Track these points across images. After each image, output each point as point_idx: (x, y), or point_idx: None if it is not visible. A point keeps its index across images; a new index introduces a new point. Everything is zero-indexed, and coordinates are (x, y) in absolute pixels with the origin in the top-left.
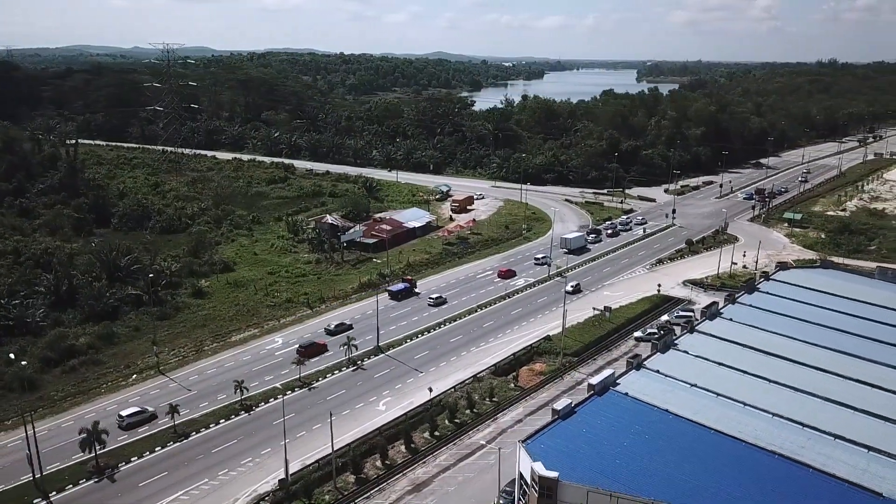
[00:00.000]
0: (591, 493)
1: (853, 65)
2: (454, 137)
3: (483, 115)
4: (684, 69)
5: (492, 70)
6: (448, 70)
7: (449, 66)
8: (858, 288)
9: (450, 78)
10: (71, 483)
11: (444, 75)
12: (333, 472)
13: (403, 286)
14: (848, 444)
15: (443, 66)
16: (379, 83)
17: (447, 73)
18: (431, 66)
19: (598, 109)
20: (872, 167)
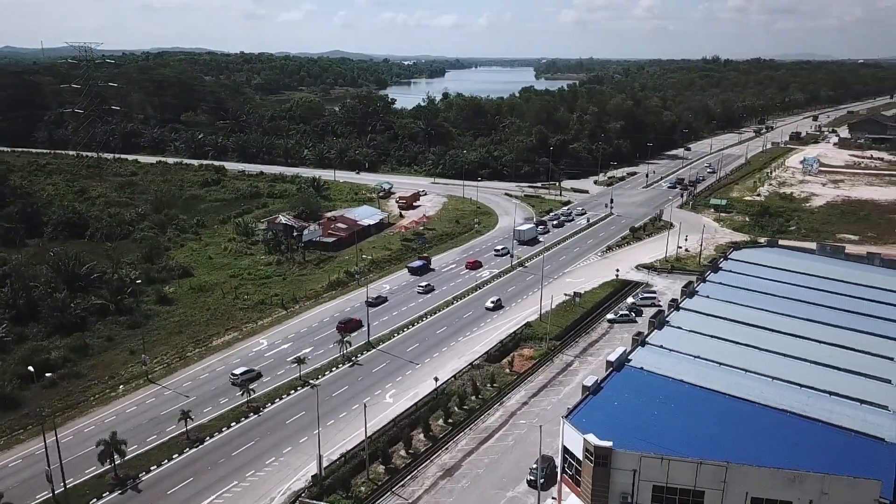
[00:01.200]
0: (644, 457)
1: (734, 61)
2: (386, 135)
3: (411, 113)
4: (579, 66)
5: (394, 68)
6: (352, 69)
7: (353, 64)
8: (806, 263)
9: (355, 77)
10: (94, 497)
11: (349, 74)
12: (367, 463)
13: (421, 263)
14: (843, 399)
15: (346, 64)
16: (285, 82)
17: (352, 72)
18: (336, 65)
19: (523, 106)
20: (772, 155)
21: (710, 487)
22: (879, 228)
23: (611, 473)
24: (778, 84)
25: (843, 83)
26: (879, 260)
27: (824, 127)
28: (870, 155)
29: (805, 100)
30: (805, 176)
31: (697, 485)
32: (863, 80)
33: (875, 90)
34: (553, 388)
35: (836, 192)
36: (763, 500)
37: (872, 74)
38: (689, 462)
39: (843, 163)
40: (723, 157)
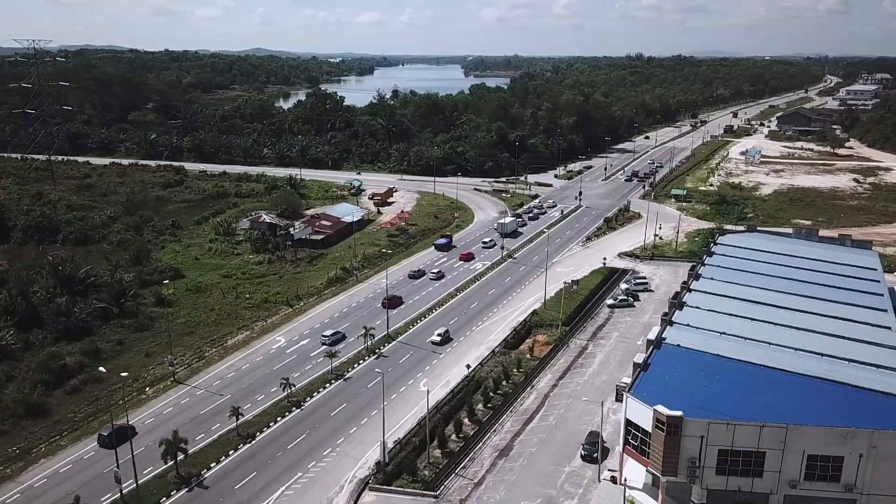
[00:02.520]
0: (711, 424)
1: (657, 58)
2: (347, 133)
3: (367, 110)
4: (507, 63)
5: (324, 66)
6: (282, 66)
7: (283, 62)
8: (787, 245)
9: (287, 75)
10: (163, 495)
11: (280, 72)
12: (427, 448)
13: (446, 240)
14: (861, 365)
15: (276, 62)
16: (216, 81)
17: (283, 70)
18: (266, 63)
19: (479, 103)
20: (712, 147)
21: (770, 448)
22: (827, 214)
23: (681, 441)
24: (702, 80)
25: (762, 79)
26: (850, 241)
27: (753, 120)
28: (800, 146)
29: (730, 95)
30: (748, 166)
31: (759, 446)
32: (777, 75)
33: (787, 85)
34: (576, 371)
35: (779, 180)
36: (818, 457)
37: (784, 70)
38: (752, 426)
39: (779, 153)
40: (668, 150)
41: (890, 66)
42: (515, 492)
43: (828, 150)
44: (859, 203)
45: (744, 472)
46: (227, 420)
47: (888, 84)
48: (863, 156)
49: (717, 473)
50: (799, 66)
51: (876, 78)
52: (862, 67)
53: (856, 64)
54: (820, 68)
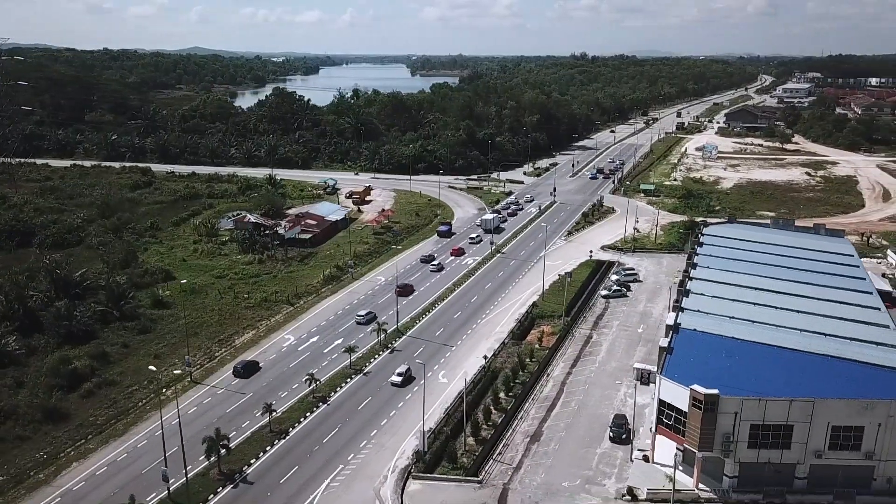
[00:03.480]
0: (745, 401)
1: (601, 57)
2: (314, 132)
3: (332, 109)
4: (453, 63)
5: (269, 66)
6: (228, 66)
7: (228, 61)
8: (768, 234)
9: (234, 74)
10: (210, 493)
11: (227, 71)
12: (464, 436)
13: (446, 227)
14: (864, 343)
15: (221, 61)
16: (161, 80)
17: (229, 70)
18: (211, 63)
19: (443, 101)
20: (668, 144)
21: (798, 421)
22: (788, 205)
23: (717, 417)
24: (648, 79)
25: (703, 77)
26: (824, 230)
27: (702, 118)
28: (749, 142)
29: (676, 93)
30: (706, 161)
31: (788, 420)
32: (716, 74)
33: (727, 84)
34: (587, 359)
35: (737, 175)
36: (841, 428)
37: (723, 69)
38: (782, 401)
39: (732, 149)
40: (627, 147)
41: (819, 66)
42: (554, 474)
43: (776, 146)
44: (815, 195)
45: (773, 444)
46: (256, 417)
47: (819, 82)
48: (809, 151)
49: (749, 447)
50: (735, 65)
51: (808, 77)
52: (793, 66)
53: (786, 63)
54: (754, 67)
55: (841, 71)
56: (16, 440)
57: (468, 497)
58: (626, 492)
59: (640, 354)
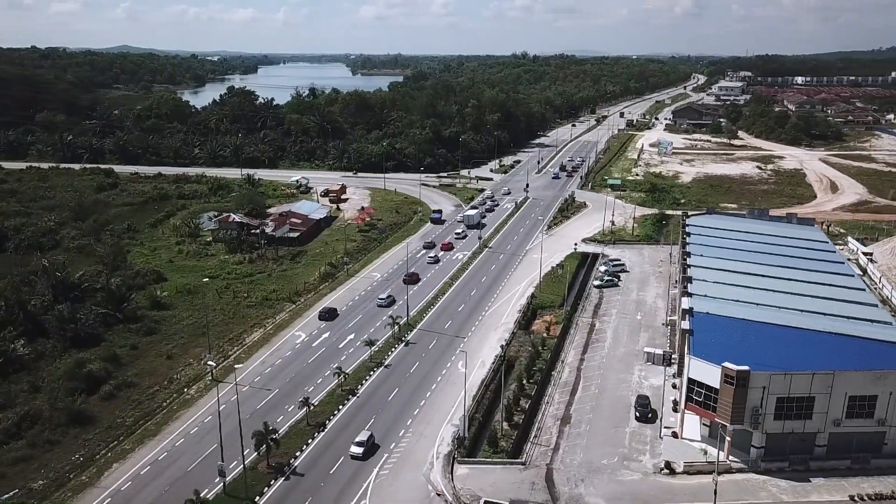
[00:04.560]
0: (773, 375)
1: (541, 56)
2: (278, 131)
3: (293, 108)
4: (394, 62)
5: (206, 65)
6: (166, 65)
7: (165, 60)
8: (747, 223)
9: (172, 73)
10: (264, 485)
11: (166, 70)
12: (502, 421)
13: (438, 215)
14: (860, 321)
15: (157, 60)
16: (97, 80)
17: (168, 69)
18: (148, 61)
19: (405, 100)
20: (622, 141)
21: (819, 393)
22: (747, 197)
23: (747, 392)
24: (591, 78)
25: (643, 76)
26: (796, 219)
27: (648, 115)
28: (697, 138)
29: (620, 91)
30: (661, 157)
31: (811, 392)
32: (654, 73)
33: (664, 82)
34: (595, 346)
35: (694, 169)
36: (857, 397)
37: (659, 68)
38: (805, 374)
39: (683, 145)
40: (583, 144)
41: (748, 65)
42: (591, 453)
43: (724, 142)
44: (769, 188)
45: (797, 415)
46: (289, 412)
47: (751, 81)
48: (755, 146)
49: (774, 419)
50: (668, 64)
51: (740, 75)
52: (723, 66)
53: (716, 63)
54: (687, 67)
55: (768, 70)
56: (46, 444)
57: (515, 478)
58: (663, 466)
59: (643, 339)
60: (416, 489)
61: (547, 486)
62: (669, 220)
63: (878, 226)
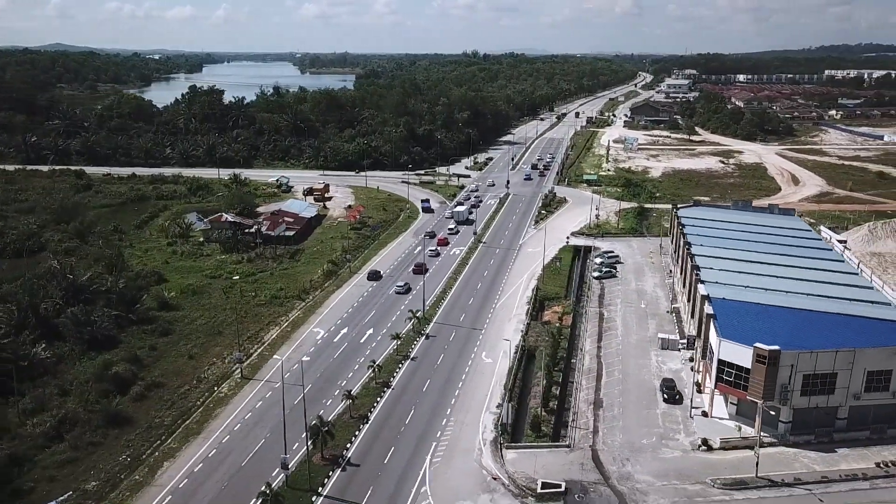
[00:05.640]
0: (800, 354)
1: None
2: (251, 130)
3: (262, 107)
4: (343, 61)
5: (150, 63)
6: (109, 65)
7: (109, 59)
8: (734, 214)
9: (117, 73)
10: (324, 476)
11: (110, 70)
12: (540, 406)
13: (427, 203)
14: (861, 303)
15: (100, 59)
16: (41, 79)
17: (112, 68)
18: (92, 60)
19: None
20: (585, 137)
21: (842, 369)
22: (717, 190)
23: (778, 370)
24: (545, 76)
25: (594, 74)
26: (777, 209)
27: (606, 112)
28: (657, 134)
29: (574, 89)
30: (628, 153)
31: (834, 368)
32: (604, 71)
33: (614, 80)
34: (608, 334)
35: (661, 164)
36: (874, 372)
37: (608, 66)
38: (829, 352)
39: (645, 141)
40: (549, 141)
41: (691, 63)
42: (630, 434)
43: (684, 137)
44: (735, 181)
45: (821, 391)
46: (328, 406)
47: (696, 78)
48: (713, 141)
49: (801, 395)
50: (616, 62)
51: (686, 73)
52: (667, 64)
53: (659, 61)
54: (632, 65)
55: (711, 68)
56: (89, 446)
57: (564, 460)
58: (700, 443)
59: (652, 327)
60: (470, 474)
61: (596, 466)
62: (649, 214)
63: (844, 215)
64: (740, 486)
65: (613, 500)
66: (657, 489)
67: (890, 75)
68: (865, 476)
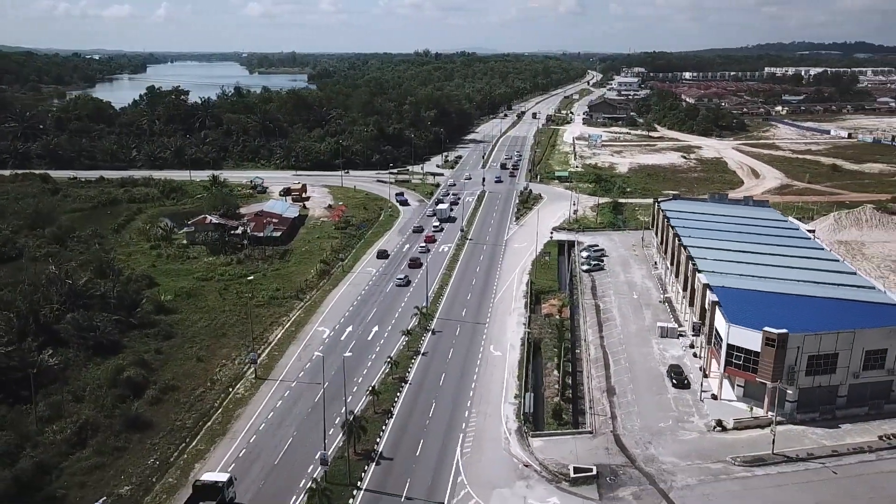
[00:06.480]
0: (806, 336)
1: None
2: (219, 131)
3: (227, 107)
4: (292, 60)
5: (93, 64)
6: (50, 66)
7: (50, 60)
8: (715, 207)
9: (60, 73)
10: (360, 471)
11: (53, 70)
12: (561, 395)
13: (403, 197)
14: (847, 287)
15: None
16: None
17: (55, 69)
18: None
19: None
20: (548, 135)
21: (843, 349)
22: (684, 184)
23: (786, 353)
24: (499, 75)
25: (547, 72)
26: (752, 201)
27: (563, 110)
28: (616, 130)
29: (529, 87)
30: (592, 149)
31: (836, 349)
32: (555, 70)
33: (565, 78)
34: (608, 324)
35: (626, 160)
36: (871, 352)
37: (558, 65)
38: (832, 334)
39: (608, 138)
40: (513, 140)
41: (638, 62)
42: (647, 419)
43: (644, 134)
44: (699, 175)
45: (824, 371)
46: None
47: (645, 76)
48: (671, 137)
49: (806, 375)
50: (565, 61)
51: (634, 71)
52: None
53: (605, 59)
54: (581, 64)
55: (657, 66)
56: (114, 451)
57: (589, 445)
58: (715, 424)
59: (648, 316)
60: (502, 463)
61: (620, 450)
62: (623, 208)
63: (807, 206)
64: (760, 463)
65: (643, 481)
66: (682, 469)
67: (826, 72)
68: (871, 448)
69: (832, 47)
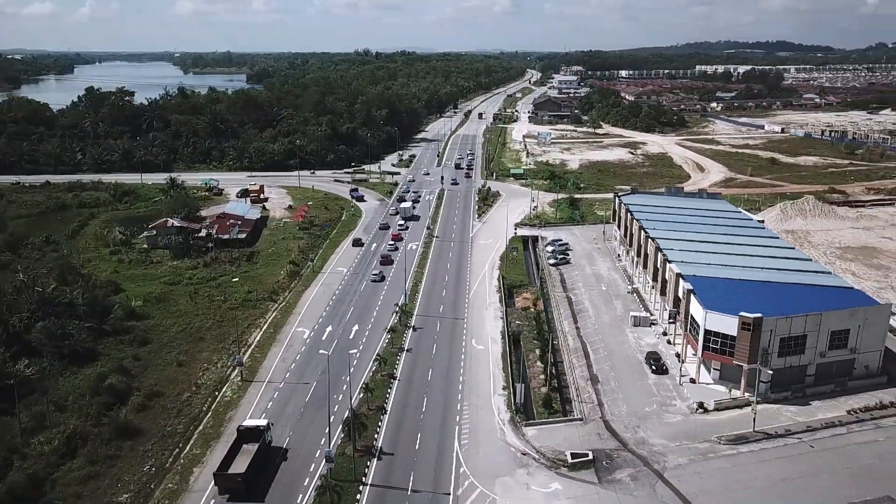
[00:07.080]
0: (778, 320)
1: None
2: (167, 132)
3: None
4: (228, 60)
5: (17, 64)
6: None
7: None
8: (672, 199)
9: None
10: (363, 466)
11: None
12: (549, 385)
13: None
14: (807, 273)
15: None
16: None
17: None
18: None
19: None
20: (496, 133)
21: (811, 331)
22: (635, 179)
23: (760, 336)
24: (442, 74)
25: (489, 71)
26: (706, 193)
27: (509, 108)
28: (562, 128)
29: (472, 86)
30: (542, 147)
31: (805, 331)
32: (496, 69)
33: (507, 77)
34: (581, 315)
35: (576, 157)
36: (836, 332)
37: (499, 64)
38: (801, 316)
39: (555, 135)
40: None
41: (576, 60)
42: (632, 404)
43: (590, 131)
44: (648, 170)
45: (794, 352)
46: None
47: (583, 75)
48: (616, 134)
49: (778, 356)
50: (504, 59)
51: (573, 70)
52: (553, 61)
53: (543, 58)
54: (519, 62)
55: (594, 65)
56: (107, 460)
57: (581, 432)
58: (696, 406)
59: (619, 307)
60: (501, 452)
61: (612, 435)
62: (580, 203)
63: (752, 198)
64: (743, 441)
65: (637, 463)
66: (672, 450)
67: (754, 70)
68: (841, 423)
69: (755, 46)
